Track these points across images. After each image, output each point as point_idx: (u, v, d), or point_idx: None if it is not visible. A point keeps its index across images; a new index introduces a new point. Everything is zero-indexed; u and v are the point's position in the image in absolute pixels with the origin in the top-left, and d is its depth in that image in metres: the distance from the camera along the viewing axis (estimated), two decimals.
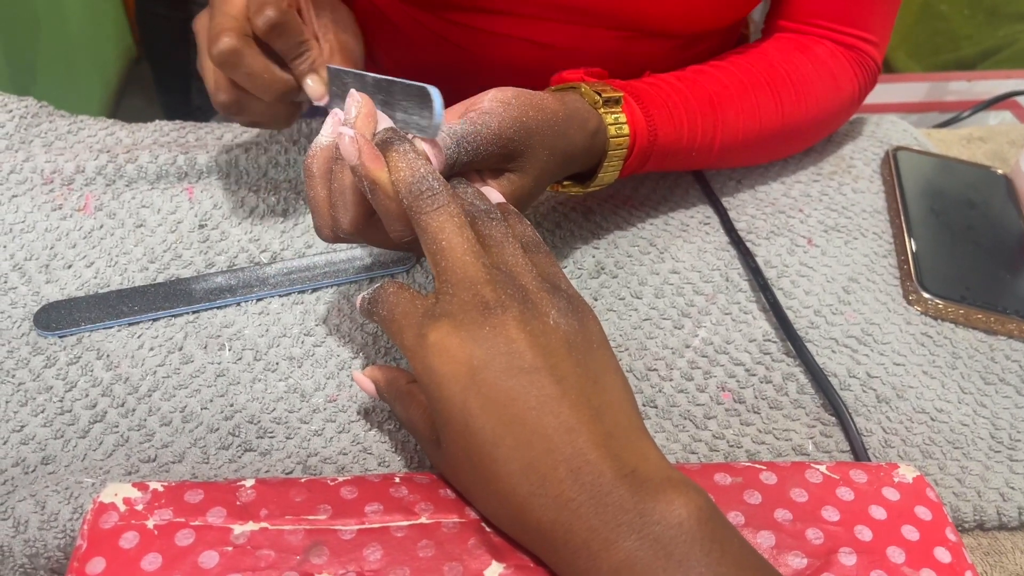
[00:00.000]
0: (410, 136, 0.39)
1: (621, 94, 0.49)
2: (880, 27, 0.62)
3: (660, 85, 0.53)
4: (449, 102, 0.41)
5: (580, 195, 0.50)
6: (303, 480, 0.36)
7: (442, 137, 0.39)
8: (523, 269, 0.36)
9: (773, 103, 0.57)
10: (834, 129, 0.65)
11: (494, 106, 0.42)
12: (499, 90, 0.43)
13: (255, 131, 0.61)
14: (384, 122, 0.40)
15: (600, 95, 0.48)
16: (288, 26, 0.44)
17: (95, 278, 0.49)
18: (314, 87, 0.46)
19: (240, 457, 0.42)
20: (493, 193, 0.42)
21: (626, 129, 0.49)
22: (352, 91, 0.40)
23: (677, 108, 0.52)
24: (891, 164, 0.64)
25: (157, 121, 0.61)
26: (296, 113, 0.49)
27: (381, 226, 0.41)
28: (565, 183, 0.51)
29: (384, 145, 0.38)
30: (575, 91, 0.49)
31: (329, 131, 0.41)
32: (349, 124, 0.39)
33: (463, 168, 0.41)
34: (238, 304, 0.49)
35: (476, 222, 0.37)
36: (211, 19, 0.44)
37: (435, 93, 0.38)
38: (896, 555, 0.35)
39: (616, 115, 0.48)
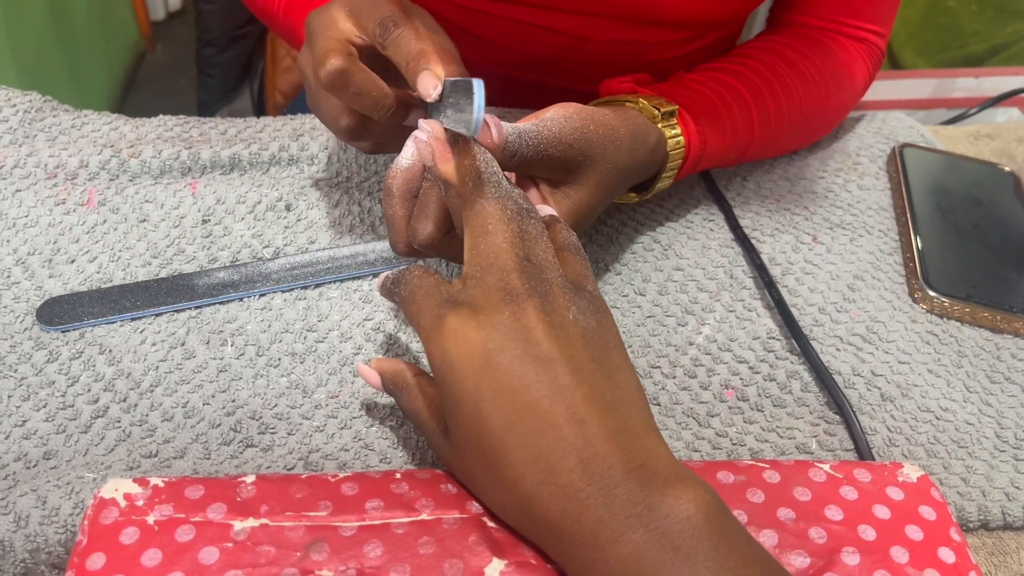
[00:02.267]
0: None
1: (676, 107, 0.51)
2: (886, 18, 0.64)
3: (704, 92, 0.55)
4: None
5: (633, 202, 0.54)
6: (304, 476, 0.36)
7: (505, 127, 0.41)
8: (551, 266, 0.37)
9: (797, 99, 0.59)
10: (844, 118, 0.66)
11: (557, 114, 0.44)
12: (562, 104, 0.45)
13: (260, 127, 0.61)
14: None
15: (658, 110, 0.50)
16: (406, 30, 0.43)
17: (98, 273, 0.49)
18: (428, 80, 0.41)
19: (241, 453, 0.42)
20: (545, 208, 0.43)
21: (683, 141, 0.51)
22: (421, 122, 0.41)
23: (720, 114, 0.54)
24: (897, 161, 0.63)
25: (161, 116, 0.61)
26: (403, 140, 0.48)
27: (456, 241, 0.41)
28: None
29: (461, 136, 0.39)
30: (633, 106, 0.50)
31: (409, 154, 0.42)
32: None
33: (525, 165, 0.42)
34: (241, 299, 0.49)
35: (516, 217, 0.38)
36: (313, 46, 0.44)
37: (478, 85, 0.37)
38: (900, 555, 0.34)
39: (673, 128, 0.51)
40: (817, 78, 0.59)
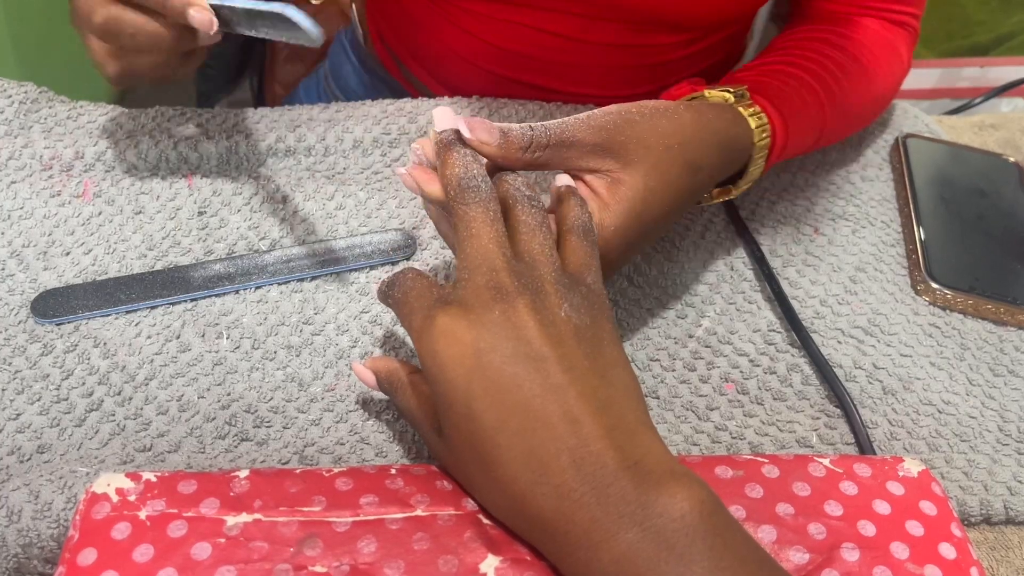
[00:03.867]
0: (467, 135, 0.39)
1: (744, 88, 0.48)
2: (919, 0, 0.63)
3: (766, 80, 0.51)
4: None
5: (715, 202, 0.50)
6: (298, 471, 0.36)
7: (514, 125, 0.39)
8: (546, 260, 0.36)
9: (861, 85, 0.57)
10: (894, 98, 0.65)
11: (594, 110, 0.41)
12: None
13: (257, 118, 0.60)
14: (447, 122, 0.39)
15: (729, 91, 0.47)
16: None
17: (93, 265, 0.49)
18: (199, 16, 0.43)
19: (236, 447, 0.41)
20: (563, 178, 0.41)
21: (766, 119, 0.47)
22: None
23: (790, 96, 0.51)
24: (900, 151, 0.63)
25: (157, 107, 0.60)
26: (196, 60, 0.49)
27: None
28: (713, 192, 0.49)
29: (444, 146, 0.38)
30: (696, 99, 0.47)
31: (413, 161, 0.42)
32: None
33: (554, 157, 0.40)
34: (236, 292, 0.48)
35: (516, 207, 0.37)
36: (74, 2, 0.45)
37: (291, 11, 0.39)
38: (900, 551, 0.34)
39: (752, 107, 0.47)
40: (868, 55, 0.57)
